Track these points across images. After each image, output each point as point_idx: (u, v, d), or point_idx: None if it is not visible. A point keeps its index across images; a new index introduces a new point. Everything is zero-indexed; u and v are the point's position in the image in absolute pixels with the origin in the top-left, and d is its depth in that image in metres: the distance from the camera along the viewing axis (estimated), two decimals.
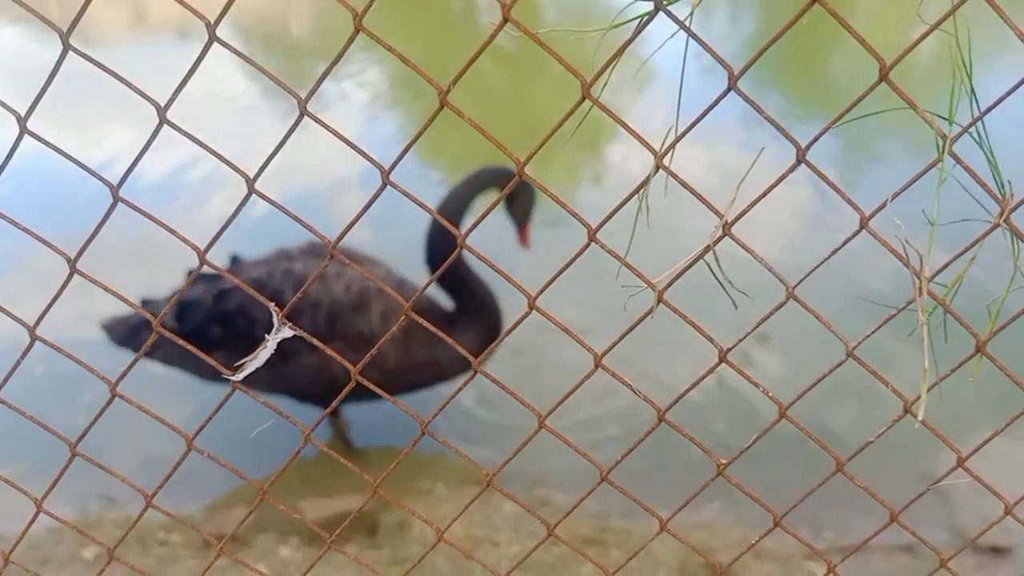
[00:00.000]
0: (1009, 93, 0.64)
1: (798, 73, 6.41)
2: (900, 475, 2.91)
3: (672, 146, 0.65)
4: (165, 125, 0.68)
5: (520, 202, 3.05)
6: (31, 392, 3.22)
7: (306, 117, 0.67)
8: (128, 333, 2.98)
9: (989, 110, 0.64)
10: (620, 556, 2.61)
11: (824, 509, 2.74)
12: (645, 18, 0.65)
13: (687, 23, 0.65)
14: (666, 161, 0.67)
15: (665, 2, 0.64)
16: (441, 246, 2.88)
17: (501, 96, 6.37)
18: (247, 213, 0.80)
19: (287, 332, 0.75)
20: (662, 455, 2.88)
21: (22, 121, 0.67)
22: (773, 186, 0.66)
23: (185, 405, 3.29)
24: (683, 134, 0.63)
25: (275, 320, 0.74)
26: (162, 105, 0.67)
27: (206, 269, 0.75)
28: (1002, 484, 0.90)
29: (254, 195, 0.72)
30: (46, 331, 0.83)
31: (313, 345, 0.79)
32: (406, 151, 0.68)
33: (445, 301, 3.01)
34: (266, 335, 0.74)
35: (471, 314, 2.93)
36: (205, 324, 2.83)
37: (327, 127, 0.69)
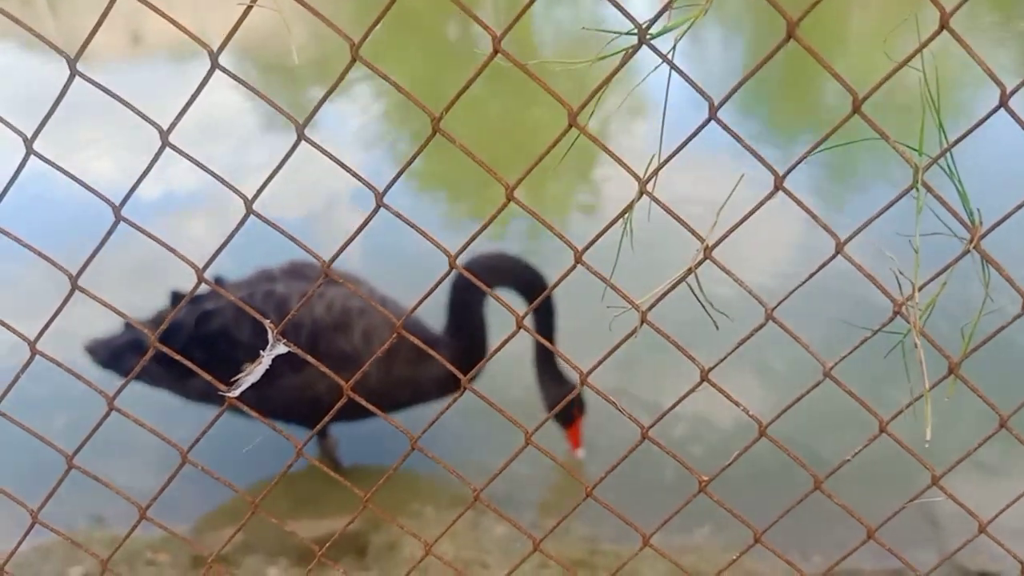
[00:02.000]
0: (975, 127, 0.67)
1: (787, 95, 6.48)
2: (901, 497, 2.92)
3: (655, 173, 0.67)
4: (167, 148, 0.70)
5: (560, 401, 2.97)
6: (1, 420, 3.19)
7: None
8: (111, 356, 2.98)
9: (957, 142, 0.67)
10: None
11: (815, 535, 2.75)
12: (630, 50, 0.68)
13: (670, 56, 0.68)
14: (650, 186, 0.70)
15: (649, 36, 0.67)
16: (462, 294, 2.90)
17: (499, 116, 6.43)
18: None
19: (282, 348, 0.77)
20: (654, 479, 2.89)
21: (29, 143, 0.69)
22: (752, 212, 0.68)
23: (166, 427, 3.29)
24: (664, 162, 0.66)
25: (270, 336, 0.77)
26: (164, 128, 0.69)
27: (186, 291, 0.77)
28: (1005, 512, 0.92)
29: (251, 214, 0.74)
30: (23, 356, 0.84)
31: (296, 366, 0.82)
32: (400, 174, 0.71)
33: (435, 322, 3.03)
34: (261, 351, 0.76)
35: (455, 338, 2.94)
36: (187, 347, 2.84)
37: (325, 152, 0.71)
